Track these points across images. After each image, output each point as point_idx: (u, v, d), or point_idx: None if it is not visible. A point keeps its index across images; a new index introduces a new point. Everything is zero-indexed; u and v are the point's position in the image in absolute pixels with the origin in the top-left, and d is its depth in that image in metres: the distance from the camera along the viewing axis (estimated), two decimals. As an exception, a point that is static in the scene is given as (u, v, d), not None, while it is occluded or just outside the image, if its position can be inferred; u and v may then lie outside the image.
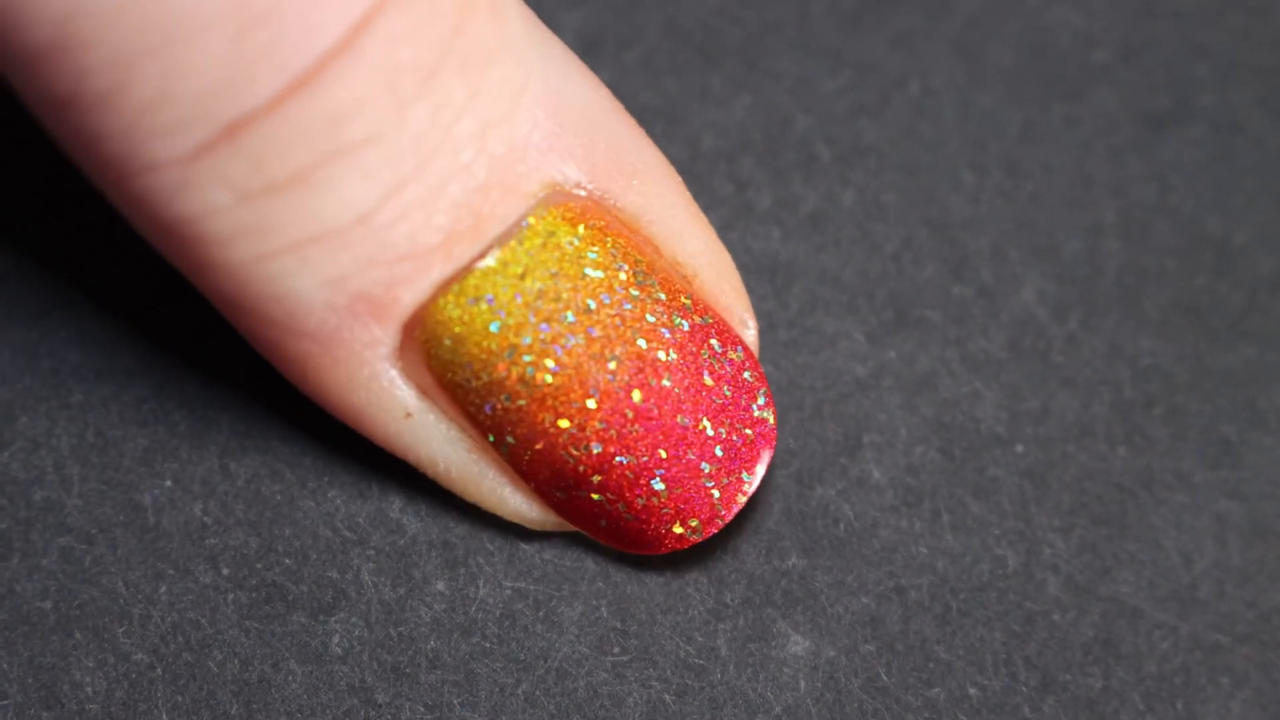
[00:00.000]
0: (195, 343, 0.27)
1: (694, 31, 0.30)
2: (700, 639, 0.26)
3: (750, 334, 0.26)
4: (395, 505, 0.26)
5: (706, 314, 0.25)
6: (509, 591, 0.26)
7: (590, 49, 0.29)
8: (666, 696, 0.25)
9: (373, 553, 0.26)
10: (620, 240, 0.25)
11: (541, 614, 0.26)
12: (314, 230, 0.23)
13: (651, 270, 0.25)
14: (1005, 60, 0.30)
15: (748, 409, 0.25)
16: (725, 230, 0.28)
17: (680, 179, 0.26)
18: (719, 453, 0.25)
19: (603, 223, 0.25)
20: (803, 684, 0.26)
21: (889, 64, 0.30)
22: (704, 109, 0.29)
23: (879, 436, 0.27)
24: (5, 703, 0.25)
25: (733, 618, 0.26)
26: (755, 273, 0.28)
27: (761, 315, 0.28)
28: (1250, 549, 0.27)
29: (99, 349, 0.27)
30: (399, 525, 0.26)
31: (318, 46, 0.22)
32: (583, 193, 0.25)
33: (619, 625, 0.26)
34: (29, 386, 0.27)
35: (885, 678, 0.26)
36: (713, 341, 0.25)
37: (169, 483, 0.26)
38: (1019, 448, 0.27)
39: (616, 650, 0.26)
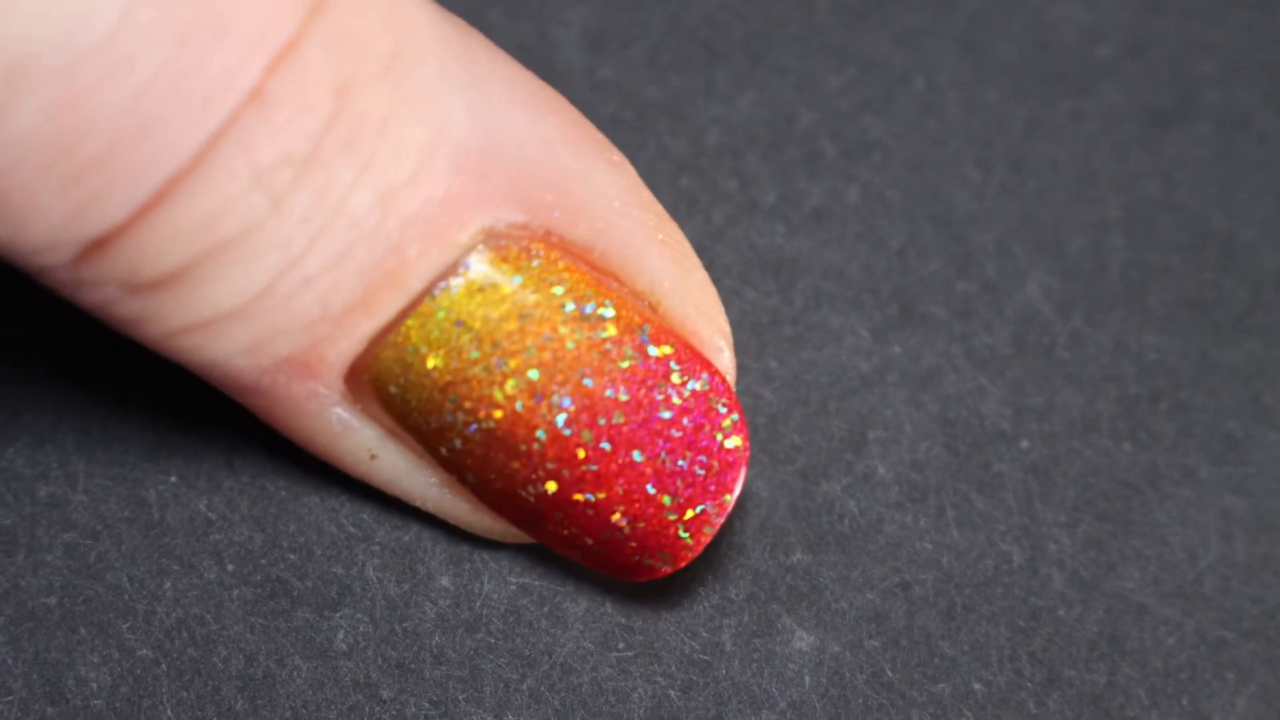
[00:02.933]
0: (200, 338, 0.27)
1: (699, 27, 0.30)
2: (705, 635, 0.26)
3: (725, 357, 0.25)
4: (400, 501, 0.26)
5: (666, 343, 0.24)
6: (514, 587, 0.26)
7: (595, 45, 0.30)
8: (671, 692, 0.25)
9: (377, 548, 0.26)
10: (567, 275, 0.24)
11: (546, 610, 0.26)
12: (209, 314, 0.23)
13: (603, 303, 0.24)
14: (1010, 56, 0.30)
15: (711, 438, 0.24)
16: (729, 226, 0.28)
17: (649, 201, 0.25)
18: (680, 485, 0.24)
19: (547, 259, 0.24)
20: (808, 679, 0.26)
21: (894, 60, 0.30)
22: (709, 105, 0.29)
23: (884, 432, 0.27)
24: (10, 698, 0.25)
25: (738, 613, 0.26)
26: (760, 268, 0.28)
27: (766, 311, 0.28)
28: (1255, 544, 0.27)
29: (103, 345, 0.27)
30: (403, 521, 0.26)
31: (158, 176, 0.22)
32: (523, 232, 0.24)
33: (624, 621, 0.26)
34: (34, 382, 0.27)
35: (890, 673, 0.26)
36: (672, 373, 0.24)
37: (174, 478, 0.26)
38: (1024, 443, 0.27)
39: (621, 646, 0.26)
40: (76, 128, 0.21)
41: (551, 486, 0.24)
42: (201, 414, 0.27)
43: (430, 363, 0.24)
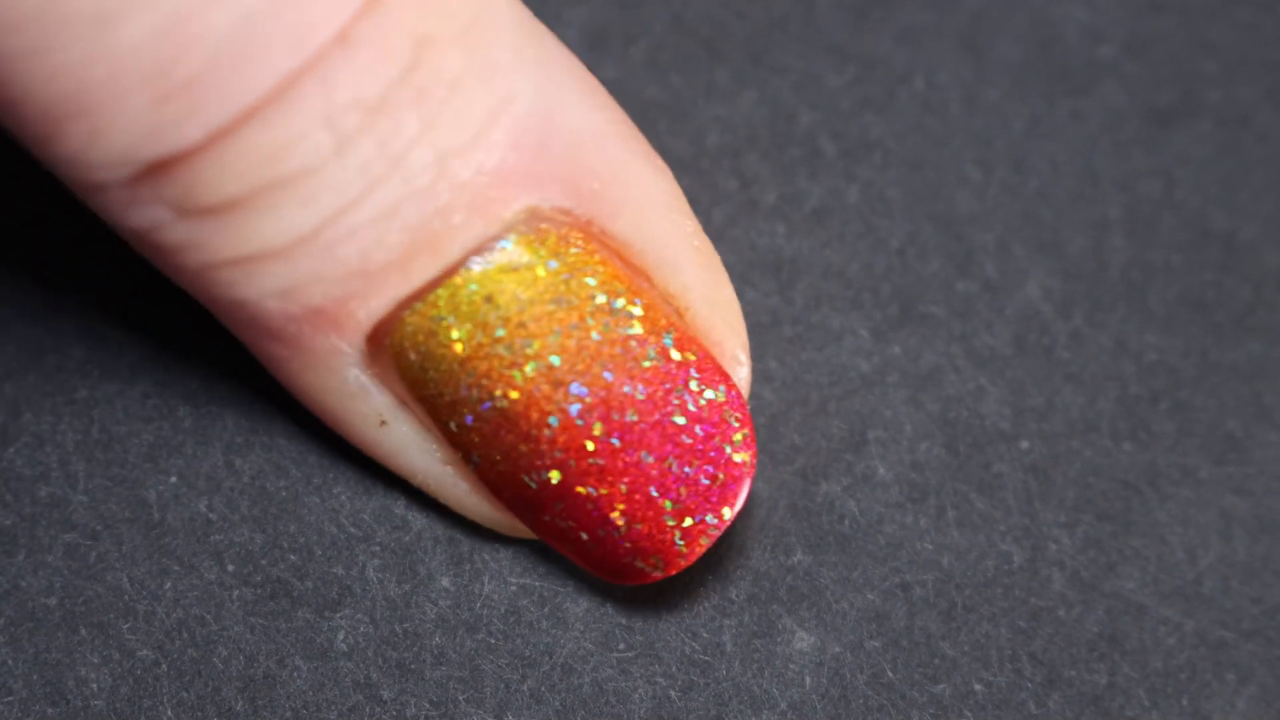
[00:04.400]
0: (200, 339, 0.27)
1: (699, 27, 0.30)
2: (705, 635, 0.26)
3: (743, 372, 0.25)
4: (400, 501, 0.26)
5: (690, 349, 0.25)
6: (514, 587, 0.26)
7: (595, 44, 0.29)
8: (672, 693, 0.25)
9: (378, 549, 0.26)
10: (602, 268, 0.24)
11: (547, 610, 0.26)
12: (254, 249, 0.23)
13: (633, 301, 0.24)
14: (1011, 55, 0.30)
15: (720, 450, 0.24)
16: (730, 226, 0.28)
17: (685, 207, 0.25)
18: (683, 493, 0.24)
19: (585, 249, 0.24)
20: (808, 680, 0.26)
21: (894, 59, 0.30)
22: (709, 104, 0.29)
23: (884, 432, 0.27)
24: (10, 699, 0.25)
25: (738, 614, 0.26)
26: (760, 268, 0.28)
27: (766, 311, 0.28)
28: (1255, 545, 0.27)
29: (103, 345, 0.27)
30: (404, 521, 0.26)
31: (241, 102, 0.22)
32: (566, 218, 0.24)
33: (624, 621, 0.26)
34: (33, 382, 0.27)
35: (890, 674, 0.26)
36: (691, 380, 0.24)
37: (174, 479, 0.26)
38: (1024, 444, 0.27)
39: (622, 646, 0.26)
40: (181, 46, 0.22)
41: (556, 476, 0.24)
42: (202, 414, 0.27)
43: (454, 334, 0.24)
